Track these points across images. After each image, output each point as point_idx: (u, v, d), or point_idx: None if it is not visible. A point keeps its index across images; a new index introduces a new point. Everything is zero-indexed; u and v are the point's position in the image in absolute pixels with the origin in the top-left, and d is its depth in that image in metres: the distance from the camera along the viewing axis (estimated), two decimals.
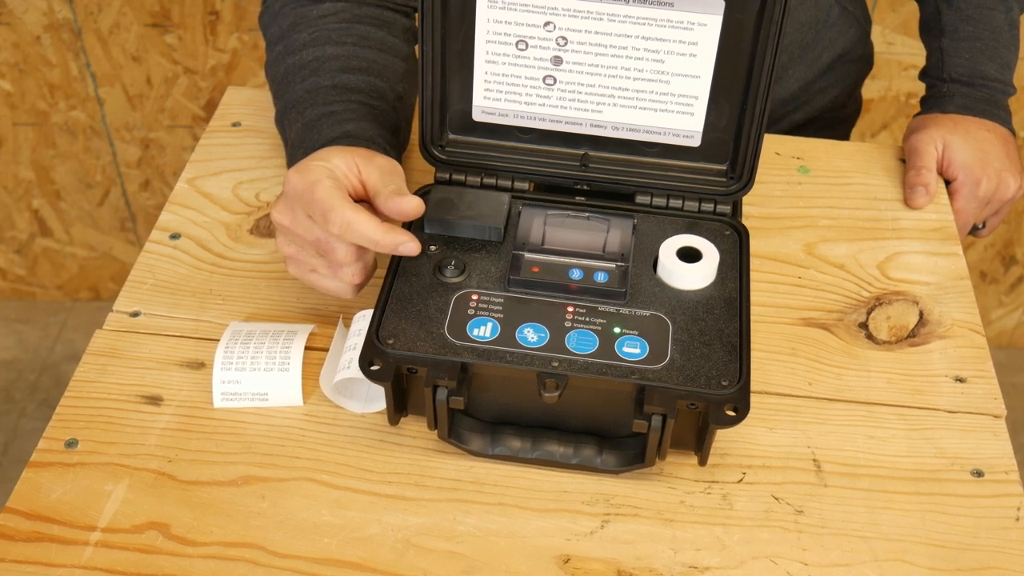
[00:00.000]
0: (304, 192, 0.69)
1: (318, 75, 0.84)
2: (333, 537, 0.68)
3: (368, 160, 0.72)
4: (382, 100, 0.84)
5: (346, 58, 0.85)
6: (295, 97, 0.84)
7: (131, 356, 0.78)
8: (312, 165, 0.70)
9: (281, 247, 0.74)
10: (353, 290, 0.73)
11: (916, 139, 0.96)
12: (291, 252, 0.73)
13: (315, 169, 0.70)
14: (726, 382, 0.67)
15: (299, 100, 0.83)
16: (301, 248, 0.73)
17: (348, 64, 0.85)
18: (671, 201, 0.79)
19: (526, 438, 0.71)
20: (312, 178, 0.69)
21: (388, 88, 0.85)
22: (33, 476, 0.70)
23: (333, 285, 0.73)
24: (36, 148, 1.76)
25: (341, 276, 0.72)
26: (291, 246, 0.73)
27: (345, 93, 0.82)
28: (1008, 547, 0.68)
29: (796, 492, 0.71)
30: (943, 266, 0.87)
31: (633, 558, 0.67)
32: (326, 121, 0.80)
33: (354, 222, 0.68)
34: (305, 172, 0.70)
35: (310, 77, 0.84)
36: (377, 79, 0.85)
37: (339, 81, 0.83)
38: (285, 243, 0.73)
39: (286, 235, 0.73)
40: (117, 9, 1.59)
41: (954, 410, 0.76)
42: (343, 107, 0.81)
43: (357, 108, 0.81)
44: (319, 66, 0.84)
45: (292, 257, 0.74)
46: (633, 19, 0.73)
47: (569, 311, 0.71)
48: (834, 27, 1.06)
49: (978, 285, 1.91)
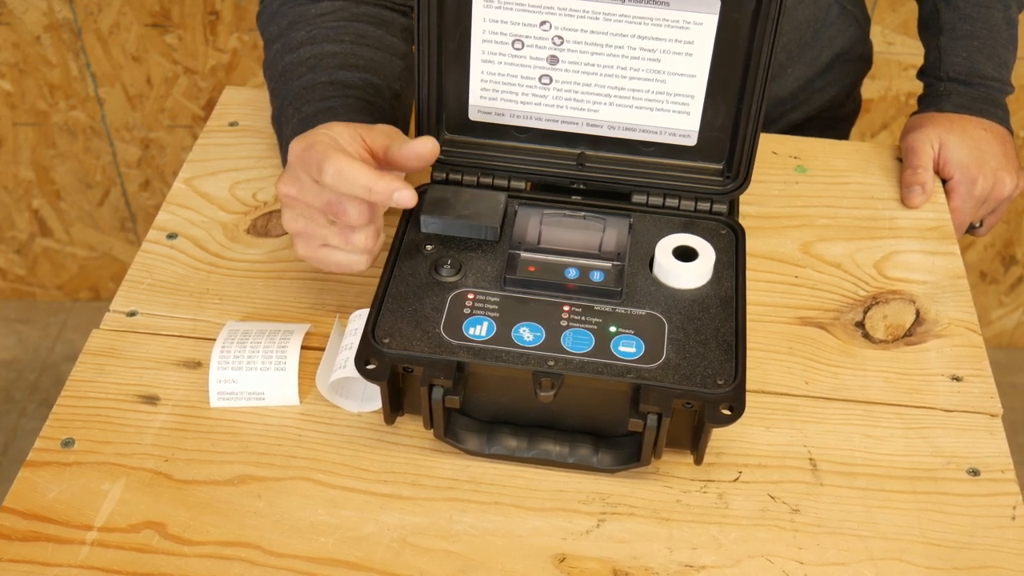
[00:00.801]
0: (303, 154, 0.69)
1: (315, 72, 0.84)
2: (329, 536, 0.68)
3: (370, 128, 0.72)
4: (379, 97, 0.84)
5: (344, 56, 0.85)
6: (292, 93, 0.84)
7: (128, 356, 0.78)
8: (313, 132, 0.70)
9: (288, 225, 0.72)
10: (366, 259, 0.72)
11: (913, 138, 0.96)
12: (299, 227, 0.72)
13: (315, 134, 0.70)
14: (722, 381, 0.67)
15: (296, 96, 0.83)
16: (310, 220, 0.71)
17: (346, 61, 0.85)
18: (667, 200, 0.79)
19: (522, 437, 0.71)
20: (310, 140, 0.69)
21: (385, 86, 0.85)
22: (30, 475, 0.70)
23: (345, 258, 0.72)
24: (36, 148, 1.76)
25: (354, 242, 0.70)
26: (299, 220, 0.71)
27: (342, 89, 0.82)
28: (1004, 546, 0.68)
29: (792, 491, 0.71)
30: (940, 265, 0.87)
31: (629, 557, 0.67)
32: (322, 116, 0.80)
33: (346, 169, 0.66)
34: (305, 138, 0.70)
35: (307, 74, 0.84)
36: (374, 77, 0.85)
37: (336, 78, 0.83)
38: (292, 218, 0.72)
39: (293, 207, 0.71)
40: (117, 9, 1.59)
41: (951, 409, 0.76)
42: (340, 102, 0.81)
43: (354, 103, 0.81)
44: (316, 63, 0.84)
45: (301, 233, 0.72)
46: (629, 18, 0.73)
47: (565, 310, 0.71)
48: (833, 26, 1.06)
49: (978, 285, 1.91)
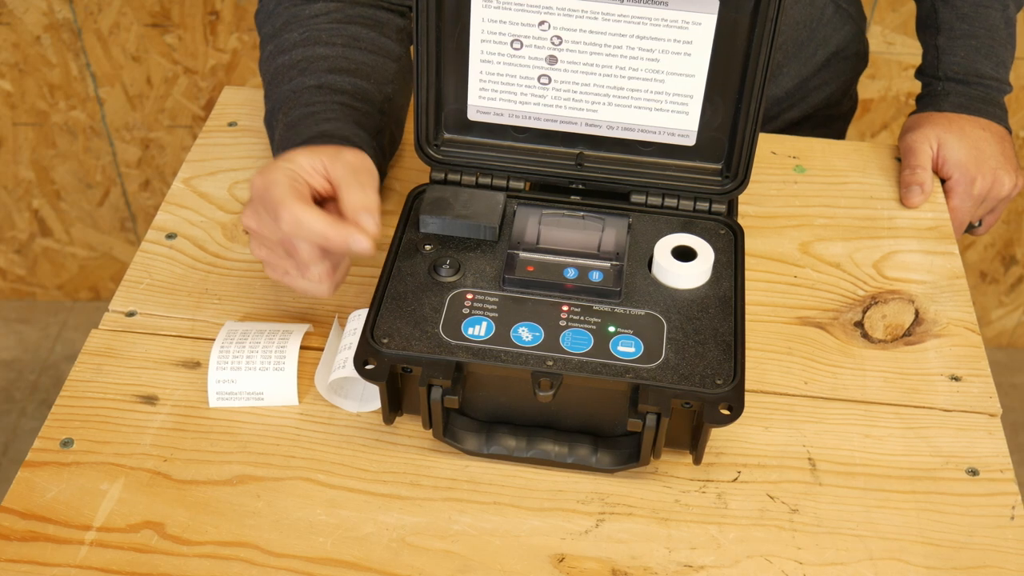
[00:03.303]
0: (263, 192, 0.69)
1: (305, 75, 0.84)
2: (328, 536, 0.68)
3: (335, 157, 0.71)
4: (366, 102, 0.84)
5: (334, 59, 0.85)
6: (282, 97, 0.84)
7: (127, 356, 0.78)
8: (273, 165, 0.70)
9: (254, 252, 0.73)
10: (326, 290, 0.72)
11: (911, 138, 0.96)
12: (263, 255, 0.73)
13: (275, 169, 0.70)
14: (720, 381, 0.67)
15: (285, 100, 0.83)
16: (271, 251, 0.72)
17: (336, 65, 0.85)
18: (666, 200, 0.79)
19: (521, 437, 0.71)
20: (271, 178, 0.69)
21: (375, 90, 0.85)
22: (28, 475, 0.70)
23: (306, 285, 0.72)
24: (36, 148, 1.76)
25: (309, 276, 0.71)
26: (262, 249, 0.72)
27: (328, 94, 0.82)
28: (1003, 545, 0.68)
29: (791, 491, 0.71)
30: (939, 265, 0.87)
31: (628, 557, 0.67)
32: (306, 121, 0.80)
33: (303, 218, 0.67)
34: (266, 173, 0.70)
35: (297, 77, 0.84)
36: (364, 81, 0.85)
37: (324, 82, 0.83)
38: (256, 247, 0.73)
39: (256, 238, 0.72)
40: (117, 9, 1.59)
41: (950, 409, 0.76)
42: (323, 107, 0.81)
43: (338, 108, 0.81)
44: (307, 66, 0.85)
45: (265, 261, 0.73)
46: (628, 18, 0.73)
47: (564, 310, 0.71)
48: (829, 24, 1.06)
49: (978, 285, 1.91)
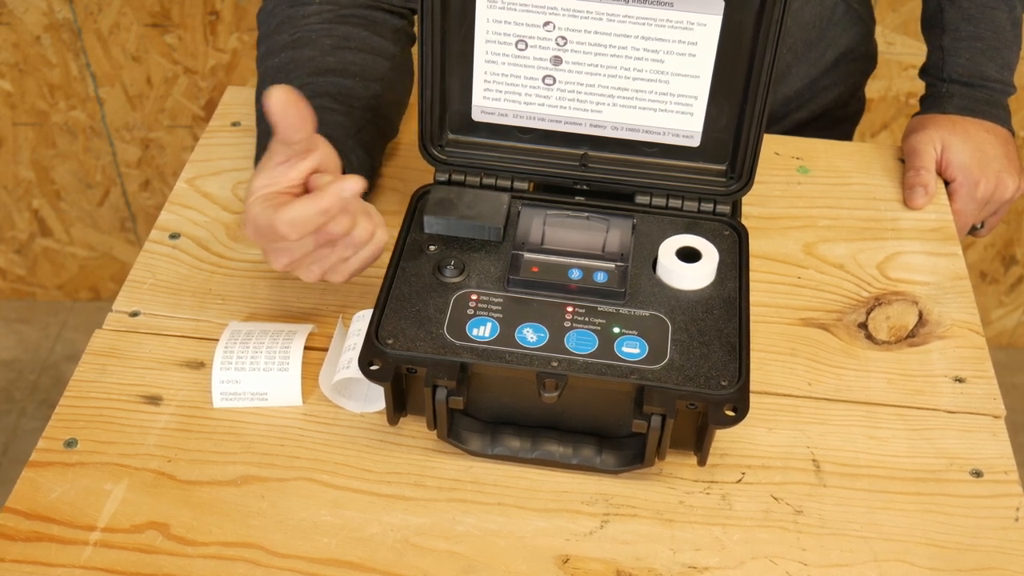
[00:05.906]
0: (258, 232, 0.69)
1: (288, 78, 0.85)
2: (332, 537, 0.68)
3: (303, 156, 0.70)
4: (347, 102, 0.84)
5: (318, 60, 0.86)
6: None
7: (131, 356, 0.78)
8: (246, 206, 0.70)
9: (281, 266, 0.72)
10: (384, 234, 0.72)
11: (915, 139, 0.96)
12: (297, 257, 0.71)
13: (249, 207, 0.69)
14: (725, 382, 0.67)
15: None
16: (318, 262, 0.71)
17: (319, 66, 0.85)
18: (671, 201, 0.79)
19: (525, 438, 0.71)
20: (251, 216, 0.69)
21: (361, 88, 0.85)
22: (33, 476, 0.70)
23: (368, 251, 0.72)
24: (36, 148, 1.76)
25: (361, 236, 0.70)
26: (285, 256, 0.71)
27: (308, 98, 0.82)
28: (1008, 547, 0.68)
29: (796, 492, 0.71)
30: (942, 266, 0.87)
31: (632, 558, 0.67)
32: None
33: (294, 216, 0.66)
34: (246, 218, 0.70)
35: (281, 80, 0.84)
36: (349, 80, 0.85)
37: (305, 83, 0.84)
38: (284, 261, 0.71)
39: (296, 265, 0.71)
40: (117, 9, 1.59)
41: (954, 410, 0.76)
42: None
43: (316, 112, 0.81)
44: (291, 69, 0.85)
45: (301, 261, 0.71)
46: (633, 19, 0.73)
47: (568, 311, 0.71)
48: (838, 25, 1.06)
49: (978, 285, 1.91)
